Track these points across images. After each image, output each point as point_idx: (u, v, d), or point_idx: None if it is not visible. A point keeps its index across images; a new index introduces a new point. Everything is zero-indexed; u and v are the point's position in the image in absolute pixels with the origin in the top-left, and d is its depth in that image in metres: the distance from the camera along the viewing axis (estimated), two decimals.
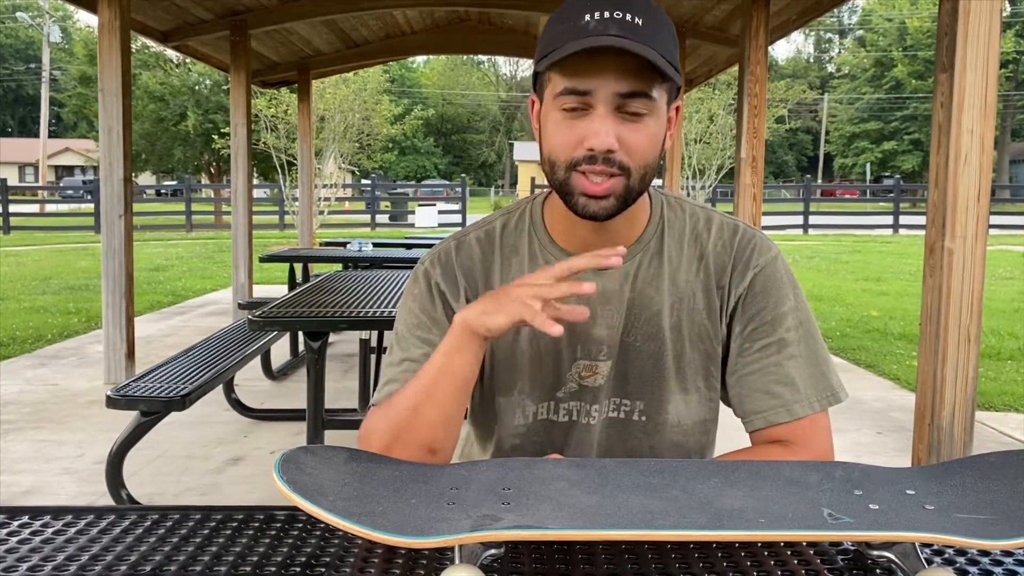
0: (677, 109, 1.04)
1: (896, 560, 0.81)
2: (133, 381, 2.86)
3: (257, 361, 4.77)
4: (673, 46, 0.97)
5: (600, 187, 0.96)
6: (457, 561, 0.77)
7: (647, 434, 1.10)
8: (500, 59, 55.88)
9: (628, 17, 0.92)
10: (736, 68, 5.25)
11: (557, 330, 0.88)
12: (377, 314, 2.92)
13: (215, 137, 19.93)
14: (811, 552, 0.87)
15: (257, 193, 20.20)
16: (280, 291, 7.81)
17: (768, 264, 1.08)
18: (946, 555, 0.86)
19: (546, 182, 1.05)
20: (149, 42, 20.34)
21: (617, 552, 0.86)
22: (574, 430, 1.11)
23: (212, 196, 24.35)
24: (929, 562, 0.84)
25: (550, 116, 0.98)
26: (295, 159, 11.38)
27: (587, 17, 0.93)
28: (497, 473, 0.88)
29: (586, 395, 1.10)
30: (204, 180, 27.32)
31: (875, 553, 0.83)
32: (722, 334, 1.10)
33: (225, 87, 22.46)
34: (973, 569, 0.83)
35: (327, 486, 0.82)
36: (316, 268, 8.04)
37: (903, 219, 20.20)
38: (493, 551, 0.80)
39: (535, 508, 0.79)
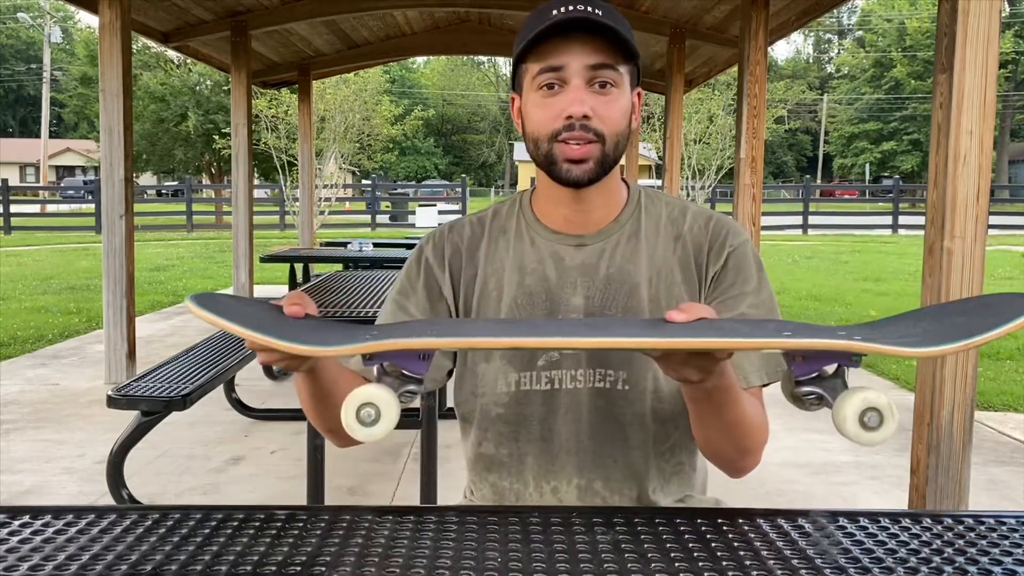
0: (639, 95, 1.15)
1: (823, 392, 0.83)
2: (134, 381, 2.86)
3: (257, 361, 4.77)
4: (630, 36, 1.10)
5: (580, 151, 1.08)
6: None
7: (630, 402, 1.16)
8: (500, 59, 55.83)
9: (589, 9, 1.07)
10: (736, 68, 5.25)
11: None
12: (377, 314, 2.92)
13: (216, 137, 19.93)
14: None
15: (258, 193, 20.17)
16: (281, 291, 7.82)
17: (741, 246, 1.18)
18: (945, 555, 0.86)
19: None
20: (150, 43, 20.35)
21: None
22: (558, 397, 1.16)
23: (213, 196, 24.32)
24: (917, 553, 0.84)
25: (530, 99, 1.11)
26: (296, 159, 11.38)
27: (553, 12, 1.07)
28: (426, 325, 0.92)
29: (567, 361, 1.16)
30: (205, 180, 27.33)
31: (804, 390, 0.84)
32: None
33: (226, 87, 22.47)
34: (972, 569, 0.83)
35: (243, 315, 0.84)
36: (317, 268, 8.04)
37: (902, 219, 20.20)
38: (412, 387, 0.83)
39: (455, 337, 0.83)
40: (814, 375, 0.83)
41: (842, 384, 0.83)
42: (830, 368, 0.83)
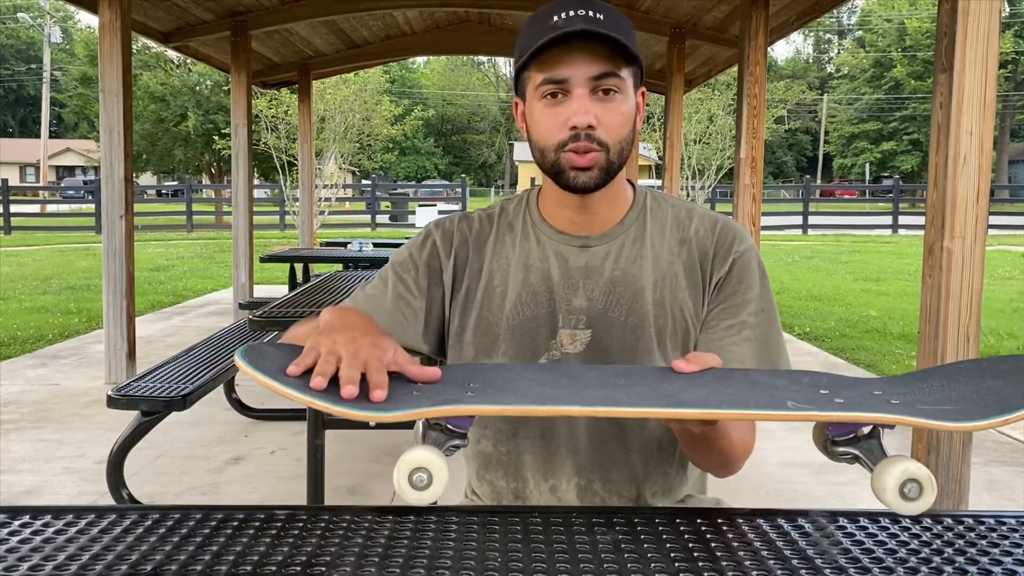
0: (643, 94, 1.16)
1: (859, 453, 0.83)
2: (134, 381, 2.86)
3: None
4: (632, 37, 1.10)
5: (585, 159, 1.09)
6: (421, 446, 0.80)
7: None
8: (500, 59, 55.77)
9: (590, 14, 1.07)
10: (736, 68, 5.24)
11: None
12: None
13: (216, 137, 19.94)
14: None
15: (258, 193, 20.19)
16: (281, 291, 7.81)
17: (746, 252, 1.18)
18: (945, 555, 0.86)
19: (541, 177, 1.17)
20: (150, 43, 20.35)
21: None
22: None
23: (213, 196, 24.33)
24: (917, 553, 0.84)
25: (535, 108, 1.12)
26: (296, 159, 11.38)
27: (555, 18, 1.07)
28: (465, 373, 0.92)
29: (568, 360, 1.16)
30: (205, 180, 27.33)
31: (839, 450, 0.84)
32: (703, 314, 1.18)
33: (225, 87, 22.46)
34: (972, 569, 0.83)
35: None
36: (317, 268, 8.04)
37: (902, 219, 20.20)
38: (457, 441, 0.83)
39: (499, 398, 0.83)
40: (851, 436, 0.84)
41: (879, 447, 0.83)
42: (866, 428, 0.83)
